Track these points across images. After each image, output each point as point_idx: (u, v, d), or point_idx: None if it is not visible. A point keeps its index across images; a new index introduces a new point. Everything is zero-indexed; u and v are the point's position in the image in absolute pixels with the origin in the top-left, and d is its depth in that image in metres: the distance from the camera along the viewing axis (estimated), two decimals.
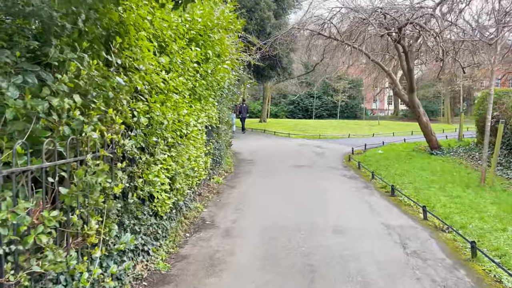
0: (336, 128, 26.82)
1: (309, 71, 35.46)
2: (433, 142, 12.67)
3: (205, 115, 7.68)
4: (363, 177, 9.86)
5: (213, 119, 8.56)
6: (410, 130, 25.10)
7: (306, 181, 9.04)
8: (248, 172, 10.15)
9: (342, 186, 8.66)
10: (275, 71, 21.93)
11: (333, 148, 16.22)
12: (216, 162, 9.57)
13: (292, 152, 14.73)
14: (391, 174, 9.89)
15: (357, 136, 21.61)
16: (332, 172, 10.44)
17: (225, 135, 12.76)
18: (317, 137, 20.63)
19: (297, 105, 49.95)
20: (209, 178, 8.49)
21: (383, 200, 7.44)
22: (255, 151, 14.80)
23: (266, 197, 7.45)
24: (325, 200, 7.30)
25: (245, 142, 18.07)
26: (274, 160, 12.52)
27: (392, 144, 16.58)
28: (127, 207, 3.89)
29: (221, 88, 8.78)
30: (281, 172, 10.21)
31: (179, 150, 5.35)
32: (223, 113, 10.66)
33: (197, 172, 6.52)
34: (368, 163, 11.89)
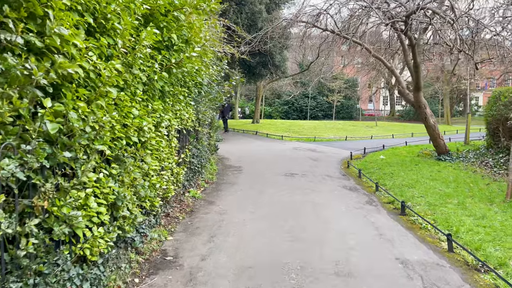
0: (331, 129, 25.52)
1: (303, 69, 34.19)
2: (441, 146, 11.37)
3: (176, 116, 6.30)
4: (366, 188, 8.51)
5: (189, 122, 7.19)
6: (410, 132, 23.89)
7: (299, 195, 7.67)
8: (232, 183, 8.76)
9: (341, 201, 7.30)
10: (268, 69, 20.57)
11: (329, 152, 14.88)
12: (194, 172, 8.17)
13: (284, 157, 13.36)
14: (397, 185, 8.55)
15: (355, 139, 20.32)
16: (329, 182, 9.08)
17: (208, 139, 11.37)
18: (312, 139, 19.30)
19: (292, 106, 48.68)
20: (183, 192, 7.09)
21: (393, 221, 6.09)
22: (244, 155, 13.41)
23: (250, 218, 6.07)
24: (322, 221, 5.93)
25: (234, 145, 16.67)
26: (264, 167, 11.14)
27: (394, 147, 15.28)
28: (15, 262, 2.49)
29: (199, 85, 7.40)
30: (271, 183, 8.84)
31: (126, 165, 3.95)
32: (205, 114, 9.28)
33: (161, 189, 5.12)
34: (370, 171, 10.56)
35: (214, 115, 12.07)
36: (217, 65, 9.24)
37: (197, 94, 7.61)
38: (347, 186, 8.69)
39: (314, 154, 14.18)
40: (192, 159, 8.06)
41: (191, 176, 7.91)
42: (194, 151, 8.22)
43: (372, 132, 24.41)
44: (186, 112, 6.99)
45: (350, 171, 10.78)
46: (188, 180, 7.71)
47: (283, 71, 21.81)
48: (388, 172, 10.11)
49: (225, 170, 10.52)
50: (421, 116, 11.36)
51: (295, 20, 11.96)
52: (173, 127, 6.02)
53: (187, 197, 7.14)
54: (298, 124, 29.13)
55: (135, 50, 3.93)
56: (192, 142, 8.14)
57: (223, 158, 12.65)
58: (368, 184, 8.99)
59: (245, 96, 54.53)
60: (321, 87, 47.89)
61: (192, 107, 7.57)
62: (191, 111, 7.27)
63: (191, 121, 7.41)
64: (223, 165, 11.39)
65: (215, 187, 8.37)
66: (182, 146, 7.28)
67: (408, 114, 50.52)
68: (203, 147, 9.16)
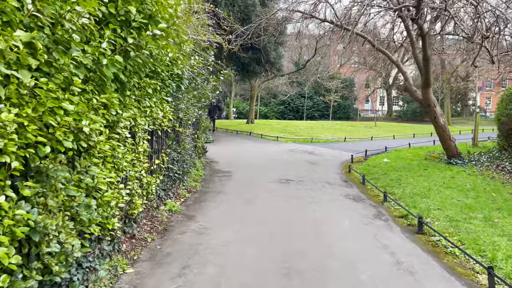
0: (329, 130, 24.45)
1: (300, 68, 33.14)
2: (452, 149, 10.31)
3: (145, 115, 5.18)
4: (372, 198, 7.41)
5: (165, 121, 6.06)
6: (411, 133, 22.90)
7: (295, 207, 6.55)
8: (219, 192, 7.62)
9: (345, 214, 6.19)
10: (262, 66, 19.45)
11: (328, 154, 13.79)
12: (174, 180, 7.04)
13: (279, 160, 12.24)
14: (408, 194, 7.46)
15: (354, 140, 19.25)
16: (329, 190, 7.97)
17: (194, 141, 10.23)
18: (309, 140, 18.19)
19: (288, 106, 47.65)
20: (157, 206, 5.94)
21: (409, 241, 4.99)
22: (235, 158, 12.28)
23: (236, 239, 4.94)
24: (324, 243, 4.81)
25: (225, 146, 15.54)
26: (256, 171, 10.02)
27: (397, 150, 14.21)
28: None
29: (177, 78, 6.26)
30: (263, 191, 7.71)
31: (51, 181, 2.82)
32: (188, 113, 8.15)
33: (116, 208, 3.97)
34: (374, 176, 9.46)
35: (201, 114, 10.93)
36: (202, 56, 8.11)
37: (176, 89, 6.46)
38: (350, 195, 7.59)
39: (311, 157, 13.08)
40: (171, 165, 6.92)
41: (169, 185, 6.77)
42: (174, 155, 7.09)
43: (372, 132, 23.36)
44: (161, 110, 5.86)
45: (352, 177, 9.67)
46: (165, 190, 6.57)
47: (278, 68, 20.71)
48: (395, 178, 9.02)
49: (213, 175, 9.38)
50: (430, 116, 10.28)
51: (291, 9, 10.85)
52: (140, 127, 4.89)
53: (162, 210, 6.00)
54: (294, 125, 28.05)
55: (64, 19, 2.80)
56: (171, 145, 7.00)
57: (212, 162, 11.50)
58: (373, 193, 7.89)
59: (240, 96, 53.38)
60: (317, 86, 46.92)
61: (169, 104, 6.43)
62: (167, 108, 6.14)
63: (168, 120, 6.28)
64: (211, 169, 10.25)
65: (198, 197, 7.22)
66: (157, 150, 6.14)
67: (405, 114, 49.67)
68: (186, 150, 8.03)
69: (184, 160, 7.78)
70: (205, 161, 11.33)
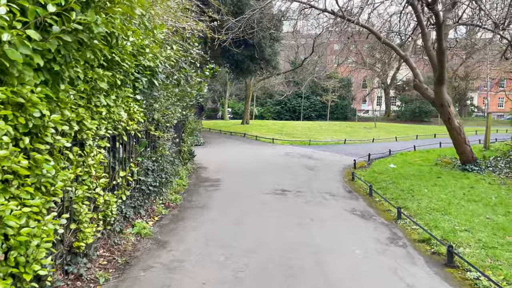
0: (327, 131, 23.35)
1: (297, 66, 32.09)
2: (467, 153, 9.22)
3: (99, 116, 4.04)
4: (382, 214, 6.29)
5: (132, 124, 4.93)
6: (413, 134, 21.85)
7: (293, 229, 5.41)
8: (203, 207, 6.47)
9: (353, 238, 5.06)
10: (257, 64, 18.30)
11: (328, 159, 12.67)
12: (148, 194, 5.88)
13: (274, 165, 11.10)
14: (424, 209, 6.34)
15: (354, 142, 18.15)
16: (332, 204, 6.84)
17: (179, 146, 9.08)
18: (306, 143, 17.07)
19: (284, 106, 46.56)
20: (120, 230, 4.78)
21: (440, 281, 3.86)
22: (226, 164, 11.14)
23: (218, 280, 3.79)
24: (332, 286, 3.68)
25: (217, 150, 14.39)
26: (249, 180, 8.88)
27: (403, 153, 13.11)
28: None
29: (148, 71, 5.13)
30: (255, 206, 6.57)
31: None
32: (167, 114, 6.99)
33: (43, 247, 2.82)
34: (381, 185, 8.35)
35: (187, 114, 9.78)
36: (183, 48, 6.96)
37: (148, 85, 5.31)
38: (357, 210, 6.46)
39: (310, 161, 11.95)
40: (144, 176, 5.76)
41: (140, 201, 5.61)
42: (148, 164, 5.93)
43: (372, 134, 22.29)
44: (125, 110, 4.71)
45: (356, 186, 8.55)
46: (135, 207, 5.42)
47: (274, 66, 19.57)
48: (406, 188, 7.91)
49: (198, 185, 8.22)
50: (443, 117, 9.16)
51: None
52: (90, 133, 3.74)
53: (128, 235, 4.84)
54: (290, 126, 26.95)
55: None
56: (144, 153, 5.85)
57: (200, 168, 10.35)
58: (383, 207, 6.77)
59: (235, 96, 52.25)
60: (314, 86, 45.89)
61: (139, 103, 5.29)
62: (136, 108, 4.99)
63: (138, 123, 5.13)
64: (198, 177, 9.09)
65: (178, 214, 6.06)
66: (123, 160, 4.98)
67: (404, 114, 48.71)
68: (165, 157, 6.87)
69: (162, 169, 6.62)
70: (192, 167, 10.17)
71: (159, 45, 5.67)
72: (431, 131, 24.75)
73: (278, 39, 19.18)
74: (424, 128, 27.77)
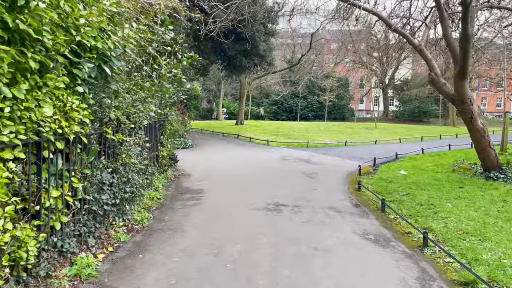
0: (326, 132, 22.06)
1: (294, 64, 30.84)
2: (491, 159, 7.95)
3: None
4: (401, 238, 4.98)
5: (70, 125, 3.59)
6: (418, 135, 20.59)
7: (288, 263, 4.08)
8: (175, 230, 5.12)
9: (371, 280, 3.74)
10: (251, 60, 16.96)
11: (328, 163, 11.35)
12: (103, 216, 4.54)
13: (269, 172, 9.78)
14: (454, 231, 5.05)
15: (355, 143, 16.85)
16: (338, 223, 5.53)
17: (156, 150, 7.73)
18: (304, 145, 15.75)
19: (281, 106, 45.30)
20: (47, 274, 3.42)
21: None
22: (213, 170, 9.80)
23: None
24: None
25: (205, 153, 13.05)
26: (237, 190, 7.56)
27: (412, 157, 11.83)
28: None
29: (95, 55, 3.81)
30: (241, 229, 5.24)
31: None
32: (136, 113, 5.66)
33: None
34: (395, 198, 7.04)
35: (167, 114, 8.44)
36: (152, 30, 5.61)
37: (97, 73, 3.97)
38: (370, 233, 5.14)
39: (309, 167, 10.64)
40: (97, 193, 4.42)
41: (89, 227, 4.26)
42: (103, 177, 4.58)
43: (374, 135, 21.02)
44: (58, 106, 3.39)
45: (364, 198, 7.24)
46: (80, 236, 4.07)
47: (269, 62, 18.24)
48: (424, 201, 6.61)
49: (176, 198, 6.88)
50: (464, 116, 7.87)
51: None
52: None
53: (62, 278, 3.49)
54: (287, 126, 25.65)
55: None
56: (96, 162, 4.51)
57: (183, 175, 9.00)
58: (401, 227, 5.46)
59: (231, 96, 50.92)
60: (311, 86, 44.69)
61: (85, 97, 3.96)
62: (76, 104, 3.64)
63: (80, 123, 3.79)
64: (177, 187, 7.75)
65: (140, 241, 4.71)
66: (57, 175, 3.64)
67: (402, 114, 47.58)
68: (131, 166, 5.53)
69: (126, 181, 5.28)
70: (173, 174, 8.83)
71: (114, 22, 4.33)
72: (435, 131, 23.55)
73: (273, 33, 17.87)
74: (427, 129, 26.54)
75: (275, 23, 17.74)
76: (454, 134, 21.27)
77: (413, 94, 44.02)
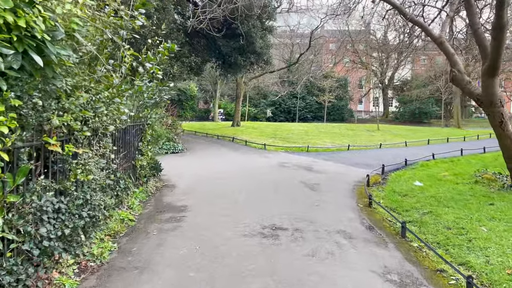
0: (327, 135, 20.93)
1: (292, 63, 29.75)
2: None
3: None
4: (435, 280, 3.85)
5: None
6: (423, 138, 19.46)
7: None
8: (142, 269, 3.96)
9: None
10: (247, 58, 15.81)
11: (332, 171, 10.21)
12: (43, 255, 3.38)
13: (265, 183, 8.63)
14: (501, 269, 3.92)
15: (359, 147, 15.72)
16: (350, 259, 4.38)
17: (132, 159, 6.59)
18: (304, 149, 14.61)
19: (279, 107, 44.18)
20: None
21: None
22: (201, 180, 8.65)
23: None
24: None
25: (196, 159, 11.89)
26: (227, 208, 6.41)
27: (424, 164, 10.70)
28: None
29: (18, 37, 2.64)
30: (226, 268, 4.09)
31: None
32: (100, 117, 4.53)
33: None
34: (414, 218, 5.90)
35: (146, 116, 7.29)
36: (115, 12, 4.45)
37: (19, 62, 2.83)
38: (391, 271, 4.00)
39: (310, 176, 9.50)
40: (34, 226, 3.28)
41: (16, 276, 3.10)
42: (44, 204, 3.44)
43: (377, 138, 19.90)
44: None
45: (377, 217, 6.11)
46: None
47: (266, 60, 17.10)
48: (451, 222, 5.48)
49: (152, 218, 5.72)
50: (493, 120, 6.74)
51: None
52: None
53: None
54: (285, 128, 24.51)
55: None
56: (32, 185, 3.36)
57: (166, 187, 7.86)
58: (430, 261, 4.32)
59: (228, 97, 49.80)
60: (310, 86, 43.63)
61: (4, 97, 2.83)
62: None
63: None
64: (157, 204, 6.60)
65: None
66: None
67: (403, 115, 46.55)
68: (90, 185, 4.38)
69: (84, 203, 4.14)
70: (155, 186, 7.68)
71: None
72: (441, 134, 22.46)
73: (271, 30, 16.74)
74: (431, 131, 25.42)
75: (272, 19, 16.61)
76: (461, 137, 20.19)
77: (414, 95, 43.02)
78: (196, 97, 48.50)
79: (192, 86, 46.21)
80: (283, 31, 39.64)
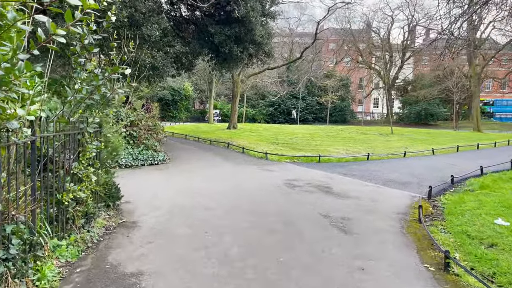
0: (336, 139, 18.32)
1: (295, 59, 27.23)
2: None
3: None
4: None
5: None
6: (448, 144, 16.85)
7: None
8: None
9: None
10: (244, 48, 13.15)
11: (360, 194, 7.54)
12: None
13: (267, 217, 5.96)
14: None
15: (380, 157, 13.08)
16: None
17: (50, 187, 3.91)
18: (315, 159, 11.96)
19: (278, 107, 41.63)
20: None
21: None
22: (178, 214, 5.99)
23: None
24: None
25: (177, 175, 9.24)
26: (209, 277, 3.75)
27: (484, 184, 8.05)
28: None
29: None
30: None
31: None
32: None
33: None
34: None
35: (87, 120, 4.64)
36: None
37: None
38: None
39: (334, 203, 6.85)
40: None
41: None
42: None
43: (395, 143, 17.31)
44: None
45: None
46: None
47: (267, 52, 14.48)
48: None
49: None
50: None
51: None
52: None
53: None
54: (287, 131, 21.90)
55: None
56: None
57: (124, 225, 5.20)
58: None
59: (225, 97, 47.06)
60: (310, 86, 41.13)
61: None
62: None
63: None
64: (94, 268, 3.93)
65: None
66: None
67: (408, 117, 44.09)
68: None
69: None
70: (103, 226, 5.03)
71: None
72: (464, 139, 19.91)
73: (273, 16, 14.12)
74: (450, 135, 22.87)
75: (274, 3, 14.01)
76: (490, 142, 17.65)
77: (421, 95, 40.58)
78: (191, 97, 45.87)
79: (187, 85, 43.58)
80: (283, 30, 37.21)
